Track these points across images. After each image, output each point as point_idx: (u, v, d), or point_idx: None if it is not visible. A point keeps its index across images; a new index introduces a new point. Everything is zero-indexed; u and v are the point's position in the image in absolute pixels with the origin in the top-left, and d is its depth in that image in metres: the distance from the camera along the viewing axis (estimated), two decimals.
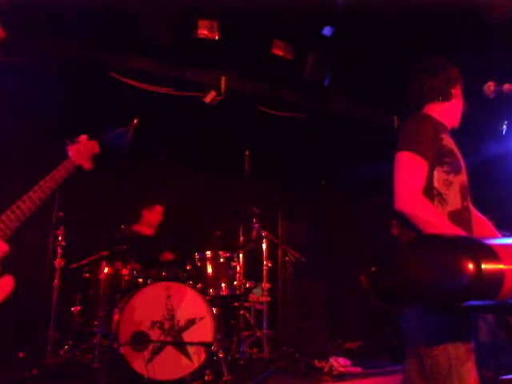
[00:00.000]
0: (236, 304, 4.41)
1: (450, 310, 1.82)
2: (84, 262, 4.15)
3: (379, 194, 6.06)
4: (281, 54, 4.59)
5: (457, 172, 1.93)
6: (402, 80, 2.22)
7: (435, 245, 1.25)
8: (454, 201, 1.90)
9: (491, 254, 1.15)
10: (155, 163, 5.57)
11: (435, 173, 1.90)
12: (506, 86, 1.98)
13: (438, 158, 1.91)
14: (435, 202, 1.89)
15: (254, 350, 4.45)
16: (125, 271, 4.04)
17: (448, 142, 1.95)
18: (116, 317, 3.49)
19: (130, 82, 4.62)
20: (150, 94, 4.73)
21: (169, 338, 3.48)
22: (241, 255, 4.39)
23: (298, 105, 5.27)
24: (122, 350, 3.32)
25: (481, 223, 2.15)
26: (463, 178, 1.95)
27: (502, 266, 1.15)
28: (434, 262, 1.23)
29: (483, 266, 1.13)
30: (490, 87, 2.01)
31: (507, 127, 5.42)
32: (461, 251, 1.15)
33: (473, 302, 1.17)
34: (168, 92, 4.77)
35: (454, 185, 1.91)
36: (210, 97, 4.85)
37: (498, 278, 1.14)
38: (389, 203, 2.07)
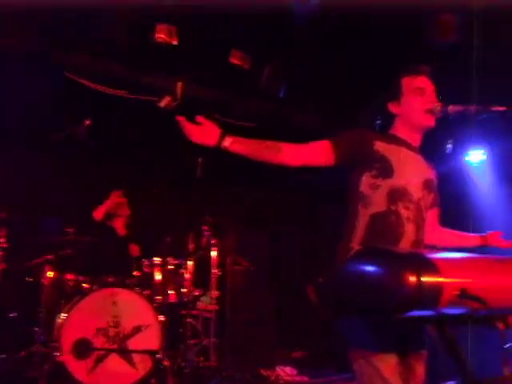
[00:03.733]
0: (183, 312, 4.37)
1: (391, 321, 1.90)
2: (27, 265, 4.00)
3: (339, 204, 6.18)
4: (238, 63, 4.62)
5: (386, 176, 1.98)
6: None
7: (378, 257, 1.29)
8: (378, 204, 1.97)
9: (431, 267, 1.21)
10: (107, 164, 5.45)
11: (363, 178, 2.01)
12: (451, 108, 2.08)
13: (367, 163, 2.01)
14: (359, 205, 1.99)
15: (201, 358, 4.41)
16: (70, 276, 3.90)
17: (382, 148, 2.02)
18: (58, 323, 3.37)
19: (85, 82, 4.52)
20: (104, 96, 4.64)
21: (113, 346, 3.40)
22: (190, 262, 4.35)
23: (252, 114, 5.31)
24: (63, 358, 3.21)
25: (448, 233, 2.28)
26: (395, 182, 1.98)
27: (441, 279, 1.21)
28: (377, 274, 1.27)
29: (423, 279, 1.18)
30: (437, 108, 2.10)
31: (452, 147, 5.68)
32: (402, 264, 1.20)
33: (413, 313, 1.22)
34: (123, 95, 4.70)
35: (381, 188, 1.98)
36: (164, 102, 4.81)
37: (436, 289, 1.20)
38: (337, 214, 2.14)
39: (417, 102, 2.10)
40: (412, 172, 2.06)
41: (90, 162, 5.25)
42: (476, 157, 6.22)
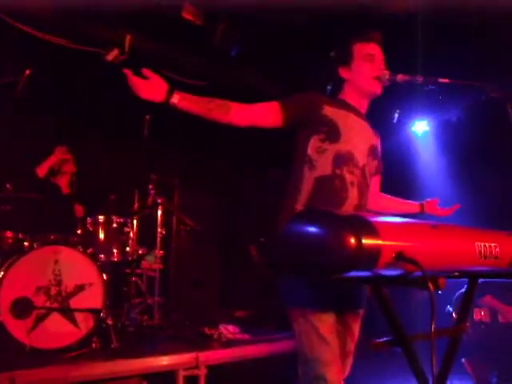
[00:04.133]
0: (128, 270, 4.34)
1: (331, 281, 1.98)
2: None
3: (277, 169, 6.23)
4: (190, 18, 4.47)
5: (332, 140, 2.02)
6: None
7: (320, 218, 1.33)
8: (324, 167, 2.01)
9: (372, 230, 1.26)
10: (49, 116, 5.20)
11: (311, 141, 2.04)
12: (399, 77, 2.12)
13: (314, 126, 2.04)
14: (305, 167, 2.02)
15: (145, 317, 4.42)
16: (8, 234, 3.75)
17: (331, 112, 2.04)
18: None
19: (24, 27, 4.23)
20: (45, 45, 4.37)
21: (55, 305, 3.34)
22: (135, 221, 4.30)
23: (202, 72, 5.20)
24: (1, 317, 3.12)
25: (389, 200, 2.36)
26: (342, 147, 2.02)
27: (380, 242, 1.26)
28: (318, 236, 1.31)
29: (363, 241, 1.22)
30: (385, 76, 2.13)
31: (398, 116, 5.83)
32: (344, 226, 1.24)
33: (352, 273, 1.27)
34: (65, 44, 4.45)
35: (327, 152, 2.01)
36: (112, 55, 4.61)
37: (375, 251, 1.25)
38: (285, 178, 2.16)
39: (366, 68, 2.13)
40: (358, 138, 2.10)
41: (31, 114, 4.99)
42: (420, 127, 6.43)
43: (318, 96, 2.11)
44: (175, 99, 1.99)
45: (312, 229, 1.32)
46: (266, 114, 2.05)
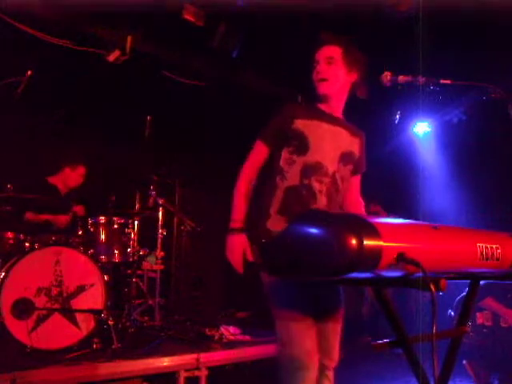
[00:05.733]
0: (129, 271, 4.34)
1: (334, 282, 1.99)
2: None
3: None
4: (191, 19, 4.47)
5: (301, 153, 2.13)
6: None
7: (321, 220, 1.33)
8: (293, 178, 2.13)
9: (373, 231, 1.25)
10: (51, 120, 5.21)
11: (282, 153, 2.17)
12: (401, 78, 2.12)
13: (286, 140, 2.16)
14: (278, 177, 2.16)
15: (146, 318, 4.43)
16: (9, 234, 3.75)
17: (302, 125, 2.15)
18: None
19: (27, 29, 4.24)
20: (46, 46, 4.38)
21: (56, 305, 3.34)
22: (136, 222, 4.30)
23: (203, 73, 5.20)
24: (2, 318, 3.12)
25: (355, 205, 2.36)
26: (310, 159, 2.13)
27: (381, 243, 1.26)
28: (320, 237, 1.31)
29: (365, 242, 1.22)
30: (386, 76, 2.13)
31: (399, 117, 5.83)
32: (345, 228, 1.24)
33: (353, 275, 1.26)
34: (68, 46, 4.46)
35: (295, 164, 2.13)
36: (113, 56, 4.62)
37: (377, 253, 1.25)
38: None
39: (314, 73, 2.22)
40: (329, 147, 2.17)
41: (32, 114, 4.99)
42: (422, 128, 6.42)
43: (290, 111, 2.21)
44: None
45: (313, 230, 1.33)
46: (262, 160, 2.21)
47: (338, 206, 2.22)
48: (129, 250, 4.10)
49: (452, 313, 3.73)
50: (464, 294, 1.91)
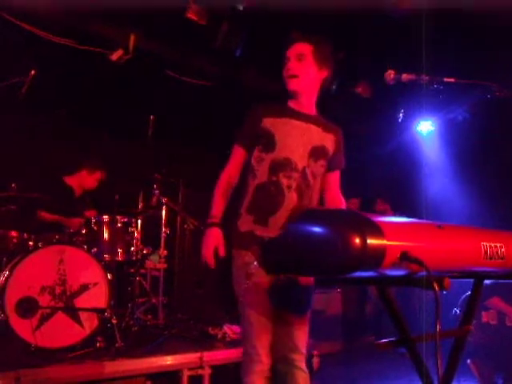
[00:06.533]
0: (132, 270, 4.35)
1: (337, 281, 1.99)
2: None
3: None
4: (195, 18, 4.47)
5: (269, 150, 2.19)
6: None
7: (324, 219, 1.32)
8: (262, 175, 2.19)
9: (376, 230, 1.25)
10: (55, 117, 5.22)
11: (254, 151, 2.23)
12: (404, 76, 2.12)
13: (256, 139, 2.22)
14: (249, 176, 2.23)
15: (149, 316, 4.43)
16: (13, 233, 3.77)
17: (269, 124, 2.21)
18: (1, 281, 3.28)
19: (29, 27, 4.25)
20: (50, 45, 4.39)
21: (59, 304, 3.35)
22: (139, 221, 4.30)
23: (206, 72, 5.20)
24: (6, 317, 3.13)
25: (335, 202, 2.37)
26: (277, 155, 2.17)
27: (384, 242, 1.25)
28: (323, 236, 1.30)
29: (369, 241, 1.22)
30: (390, 75, 2.13)
31: (403, 116, 5.81)
32: (349, 226, 1.24)
33: (357, 274, 1.26)
34: (71, 45, 4.46)
35: (264, 161, 2.19)
36: (116, 55, 4.62)
37: (380, 252, 1.24)
38: None
39: (284, 69, 2.27)
40: (296, 143, 2.20)
41: (36, 114, 5.00)
42: (425, 127, 6.41)
43: (258, 111, 2.26)
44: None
45: (317, 229, 1.32)
46: (242, 163, 2.27)
47: (310, 201, 2.23)
48: (132, 248, 4.11)
49: (458, 311, 3.71)
50: (469, 292, 1.91)
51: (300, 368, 2.15)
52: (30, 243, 3.66)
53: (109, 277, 3.57)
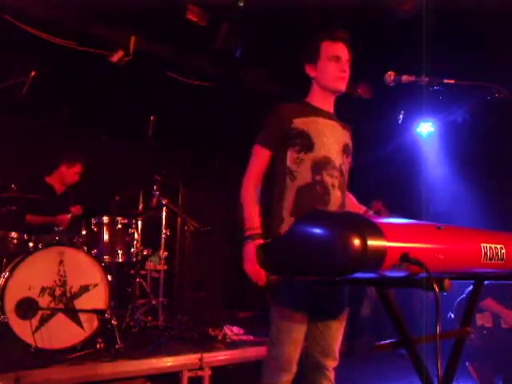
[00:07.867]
0: (132, 271, 4.35)
1: (337, 282, 1.99)
2: None
3: None
4: (195, 19, 4.47)
5: (307, 150, 2.12)
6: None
7: (325, 220, 1.32)
8: (304, 176, 2.11)
9: (377, 231, 1.25)
10: (55, 118, 5.22)
11: (288, 153, 2.14)
12: (404, 77, 2.12)
13: (288, 140, 2.14)
14: (287, 178, 2.13)
15: (149, 317, 4.44)
16: (14, 234, 3.76)
17: (301, 124, 2.14)
18: (1, 282, 3.28)
19: (30, 29, 4.25)
20: (50, 46, 4.39)
21: (60, 305, 3.35)
22: (139, 222, 4.30)
23: (206, 73, 5.20)
24: (6, 318, 3.13)
25: (349, 201, 2.36)
26: (317, 154, 2.12)
27: (385, 243, 1.25)
28: (324, 237, 1.30)
29: (369, 242, 1.22)
30: (390, 76, 2.14)
31: (403, 117, 5.81)
32: (349, 228, 1.24)
33: (357, 275, 1.26)
34: (71, 46, 4.47)
35: (304, 161, 2.12)
36: (117, 56, 4.62)
37: (381, 253, 1.24)
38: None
39: (331, 68, 2.18)
40: (331, 140, 2.17)
41: (36, 115, 5.01)
42: (425, 128, 6.41)
43: (283, 111, 2.19)
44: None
45: (317, 230, 1.32)
46: (267, 165, 2.19)
47: (347, 198, 2.22)
48: (132, 250, 4.11)
49: (452, 315, 3.70)
50: (463, 296, 1.91)
51: (329, 380, 2.10)
52: (30, 244, 3.66)
53: (109, 278, 3.57)
